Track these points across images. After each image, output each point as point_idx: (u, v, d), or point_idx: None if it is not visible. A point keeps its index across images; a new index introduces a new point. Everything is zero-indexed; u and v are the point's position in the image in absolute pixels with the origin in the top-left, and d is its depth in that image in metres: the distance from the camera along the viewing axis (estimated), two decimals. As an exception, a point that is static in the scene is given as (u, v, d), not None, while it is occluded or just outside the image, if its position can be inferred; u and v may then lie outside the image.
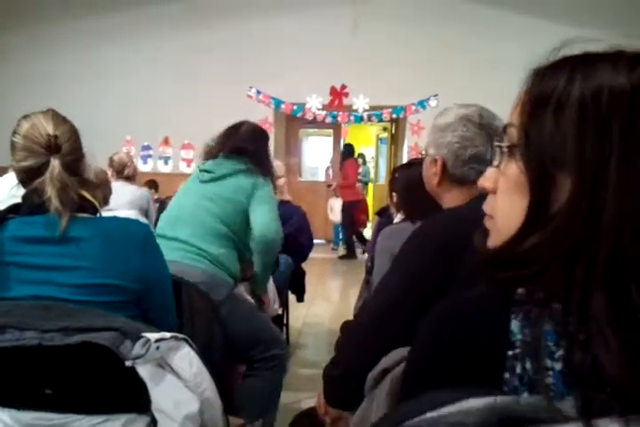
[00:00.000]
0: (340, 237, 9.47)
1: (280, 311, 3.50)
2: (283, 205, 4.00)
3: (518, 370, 0.64)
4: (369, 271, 3.24)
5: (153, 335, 1.26)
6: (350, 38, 8.27)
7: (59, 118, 1.60)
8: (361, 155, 10.92)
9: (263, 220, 2.57)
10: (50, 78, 8.29)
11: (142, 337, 1.24)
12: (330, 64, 8.25)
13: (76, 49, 8.36)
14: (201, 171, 2.67)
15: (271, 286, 3.38)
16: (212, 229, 2.48)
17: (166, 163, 8.31)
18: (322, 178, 10.94)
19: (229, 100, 8.16)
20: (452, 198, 1.59)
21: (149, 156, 8.32)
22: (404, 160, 8.76)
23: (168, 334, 1.32)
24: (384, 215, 3.65)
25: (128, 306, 1.50)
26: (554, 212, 0.66)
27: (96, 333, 1.26)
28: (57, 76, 8.31)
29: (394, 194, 3.00)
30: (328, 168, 10.69)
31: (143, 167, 8.33)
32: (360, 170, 10.14)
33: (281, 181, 3.97)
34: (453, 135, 1.55)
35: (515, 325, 0.66)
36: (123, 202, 4.07)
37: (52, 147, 1.51)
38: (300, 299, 4.33)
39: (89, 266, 1.47)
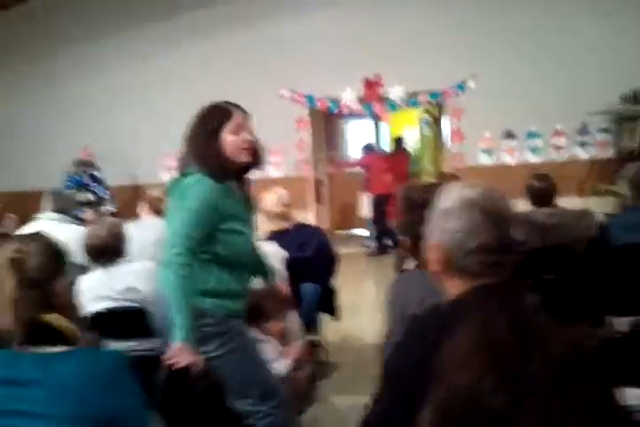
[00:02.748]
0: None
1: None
2: (297, 230, 3.99)
3: None
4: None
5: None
6: (377, 26, 8.07)
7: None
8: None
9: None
10: (77, 103, 8.47)
11: None
12: (360, 55, 8.06)
13: (102, 72, 8.44)
14: None
15: (295, 322, 3.38)
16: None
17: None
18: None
19: (263, 103, 8.11)
20: (453, 286, 1.49)
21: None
22: (448, 144, 8.59)
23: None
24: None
25: None
26: None
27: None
28: (83, 101, 8.46)
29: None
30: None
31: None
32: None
33: (280, 210, 3.93)
34: (457, 223, 1.42)
35: None
36: (151, 241, 4.12)
37: None
38: (336, 317, 4.33)
39: (39, 412, 1.39)
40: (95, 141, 7.87)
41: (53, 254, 1.58)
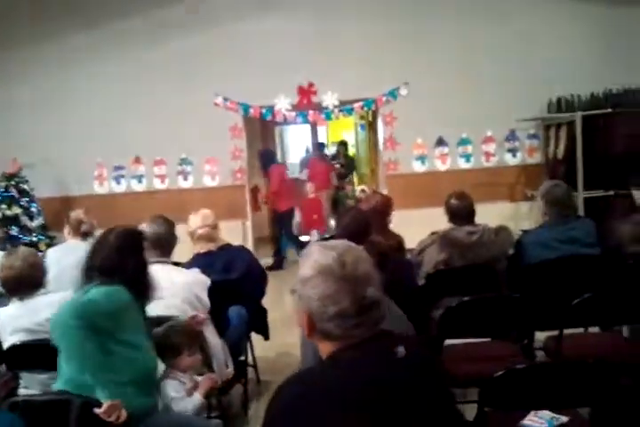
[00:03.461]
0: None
1: (232, 372, 3.48)
2: (222, 250, 3.96)
3: None
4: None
5: None
6: (311, 34, 8.09)
7: None
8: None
9: None
10: (8, 109, 8.19)
11: None
12: (295, 63, 8.08)
13: (34, 75, 8.18)
14: None
15: (219, 348, 3.37)
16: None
17: (140, 181, 8.26)
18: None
19: (197, 111, 8.06)
20: (323, 347, 1.54)
21: (122, 176, 8.26)
22: (381, 148, 8.69)
23: None
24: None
25: None
26: None
27: None
28: (16, 107, 8.17)
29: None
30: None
31: (117, 188, 8.28)
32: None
33: (204, 231, 3.91)
34: (313, 292, 1.47)
35: None
36: (71, 263, 4.05)
37: None
38: (267, 337, 4.33)
39: None
40: (23, 152, 7.65)
41: None
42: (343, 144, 11.48)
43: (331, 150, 11.91)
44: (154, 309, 3.12)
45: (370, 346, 1.45)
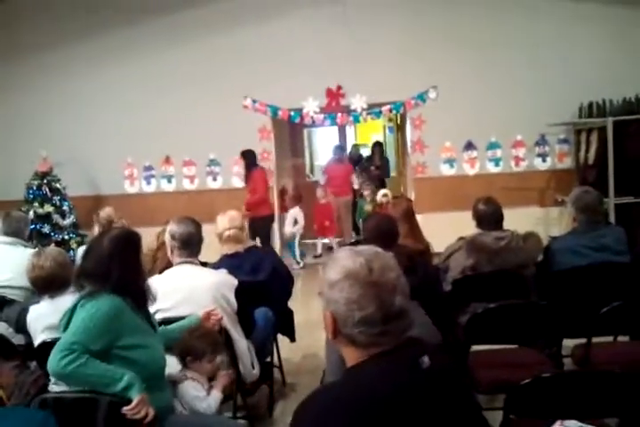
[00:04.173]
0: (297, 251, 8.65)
1: (257, 374, 3.50)
2: (249, 252, 3.98)
3: None
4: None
5: None
6: (341, 37, 8.09)
7: None
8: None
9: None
10: (37, 113, 8.33)
11: None
12: (324, 65, 8.11)
13: (60, 79, 8.33)
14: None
15: (246, 349, 3.39)
16: None
17: (169, 181, 8.35)
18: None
19: (226, 112, 8.11)
20: (348, 353, 1.53)
21: (152, 176, 8.35)
22: (409, 151, 8.66)
23: None
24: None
25: None
26: None
27: None
28: (44, 111, 8.33)
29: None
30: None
31: (147, 188, 8.38)
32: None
33: (231, 232, 3.92)
34: (340, 296, 1.46)
35: None
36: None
37: None
38: (293, 339, 4.34)
39: None
40: (55, 151, 7.77)
41: None
42: (379, 145, 11.12)
43: (360, 151, 11.79)
44: (181, 309, 3.18)
45: (394, 357, 1.44)
